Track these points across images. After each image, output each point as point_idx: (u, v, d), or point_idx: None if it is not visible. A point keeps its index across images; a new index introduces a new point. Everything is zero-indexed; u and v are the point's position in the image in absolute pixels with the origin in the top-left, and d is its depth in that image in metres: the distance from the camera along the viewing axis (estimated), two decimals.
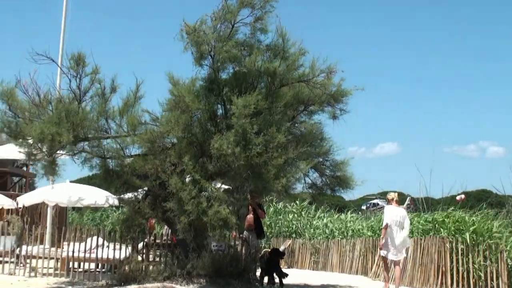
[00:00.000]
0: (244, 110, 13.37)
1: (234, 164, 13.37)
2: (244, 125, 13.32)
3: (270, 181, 13.67)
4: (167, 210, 14.35)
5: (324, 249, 25.15)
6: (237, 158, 13.23)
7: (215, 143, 13.47)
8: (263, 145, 13.43)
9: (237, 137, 13.33)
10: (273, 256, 16.46)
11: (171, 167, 14.55)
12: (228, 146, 13.20)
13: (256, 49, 14.68)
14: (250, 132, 13.38)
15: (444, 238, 16.80)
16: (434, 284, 16.57)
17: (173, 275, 15.01)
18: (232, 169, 13.68)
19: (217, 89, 14.73)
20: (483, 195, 39.78)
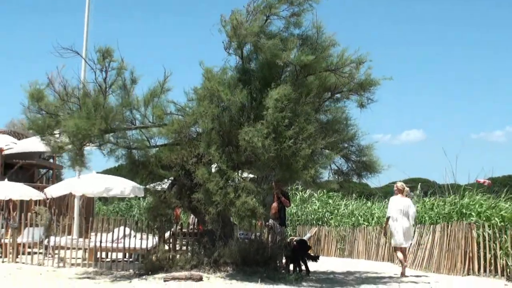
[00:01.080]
0: (277, 103, 13.38)
1: (264, 157, 13.37)
2: (277, 118, 13.31)
3: (299, 172, 13.68)
4: (193, 200, 14.43)
5: (350, 237, 25.16)
6: (267, 150, 13.23)
7: (245, 135, 13.44)
8: (294, 137, 13.44)
9: (268, 129, 13.31)
10: (301, 245, 16.47)
11: (197, 157, 14.62)
12: (259, 139, 13.20)
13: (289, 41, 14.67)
14: (282, 125, 13.38)
15: (471, 224, 16.72)
16: (461, 270, 16.49)
17: (200, 263, 15.10)
18: (260, 159, 13.70)
19: (248, 79, 14.75)
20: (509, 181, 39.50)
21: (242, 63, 14.98)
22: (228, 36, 14.67)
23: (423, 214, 20.96)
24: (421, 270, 18.17)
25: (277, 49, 14.28)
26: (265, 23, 14.74)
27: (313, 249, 26.46)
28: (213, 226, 14.96)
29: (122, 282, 14.38)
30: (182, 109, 15.25)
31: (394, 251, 17.75)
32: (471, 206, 18.55)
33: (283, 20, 15.01)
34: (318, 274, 16.82)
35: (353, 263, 21.33)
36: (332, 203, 31.04)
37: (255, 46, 14.56)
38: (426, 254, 18.53)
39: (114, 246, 17.39)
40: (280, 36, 14.85)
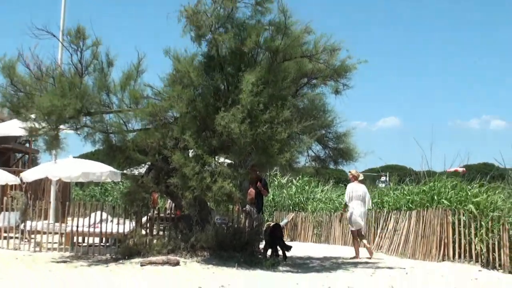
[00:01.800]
0: (252, 87, 13.40)
1: (240, 142, 13.42)
2: (252, 103, 13.36)
3: (274, 156, 13.74)
4: (170, 185, 14.43)
5: (326, 222, 25.25)
6: (243, 135, 13.28)
7: (221, 120, 13.48)
8: (269, 121, 13.49)
9: (244, 114, 13.36)
10: (276, 230, 16.56)
11: (174, 142, 14.60)
12: (234, 123, 13.23)
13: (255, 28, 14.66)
14: (257, 110, 13.43)
15: (446, 210, 16.84)
16: (436, 256, 16.60)
17: (177, 248, 15.13)
18: (236, 144, 13.74)
19: (218, 65, 14.75)
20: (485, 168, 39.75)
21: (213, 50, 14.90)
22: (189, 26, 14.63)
23: (398, 200, 21.07)
24: (397, 255, 18.30)
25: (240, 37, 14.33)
26: (231, 11, 14.67)
27: (290, 235, 26.61)
28: (189, 210, 14.98)
29: (99, 266, 14.36)
30: (159, 94, 15.22)
31: (352, 235, 18.55)
32: (442, 194, 18.65)
33: (250, 7, 14.95)
34: (295, 259, 16.89)
35: (329, 248, 21.43)
36: (308, 189, 31.13)
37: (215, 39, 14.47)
38: (402, 240, 18.64)
39: (91, 231, 17.35)
40: (246, 24, 14.84)
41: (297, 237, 26.63)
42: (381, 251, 19.59)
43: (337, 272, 14.44)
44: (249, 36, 14.39)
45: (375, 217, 21.31)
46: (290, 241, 22.65)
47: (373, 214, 21.47)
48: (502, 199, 17.54)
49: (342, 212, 19.07)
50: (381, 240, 20.10)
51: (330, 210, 26.08)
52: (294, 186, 31.73)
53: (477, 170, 36.15)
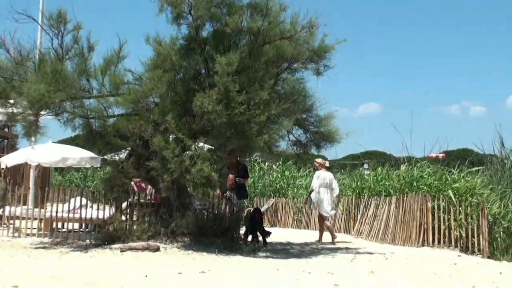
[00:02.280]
0: (227, 68, 13.44)
1: (216, 122, 13.46)
2: (226, 83, 13.40)
3: (253, 138, 13.77)
4: (150, 169, 14.40)
5: (307, 208, 25.30)
6: (219, 115, 13.32)
7: (197, 101, 13.54)
8: (246, 103, 13.51)
9: (220, 95, 13.41)
10: (256, 215, 16.59)
11: (155, 126, 14.57)
12: (210, 103, 13.28)
13: (237, 7, 14.66)
14: (233, 90, 13.47)
15: (426, 196, 16.93)
16: (416, 242, 16.70)
17: (157, 234, 15.12)
18: (214, 127, 13.76)
19: (198, 48, 14.74)
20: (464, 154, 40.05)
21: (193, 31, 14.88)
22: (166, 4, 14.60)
23: (378, 186, 21.16)
24: (377, 241, 18.38)
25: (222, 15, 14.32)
26: None
27: (270, 220, 26.67)
28: (167, 194, 14.94)
29: (78, 252, 14.34)
30: (139, 78, 15.18)
31: (320, 220, 19.18)
32: (421, 179, 18.76)
33: None
34: (275, 245, 16.94)
35: (310, 234, 21.48)
36: (289, 174, 31.18)
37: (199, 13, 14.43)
38: (382, 225, 18.71)
39: (70, 216, 17.30)
40: (226, 2, 14.82)
41: (277, 223, 26.71)
42: (361, 237, 19.69)
43: (317, 258, 14.50)
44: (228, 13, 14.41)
45: (355, 203, 21.41)
46: (271, 227, 22.75)
47: (353, 200, 21.57)
48: (482, 185, 17.69)
49: (306, 198, 20.08)
50: (361, 226, 20.19)
51: None
52: (274, 172, 31.77)
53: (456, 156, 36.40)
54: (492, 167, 20.30)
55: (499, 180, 18.96)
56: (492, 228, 16.10)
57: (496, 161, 20.39)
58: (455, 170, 18.80)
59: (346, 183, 25.01)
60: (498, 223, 16.22)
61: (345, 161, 33.61)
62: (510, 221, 16.07)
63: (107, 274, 11.22)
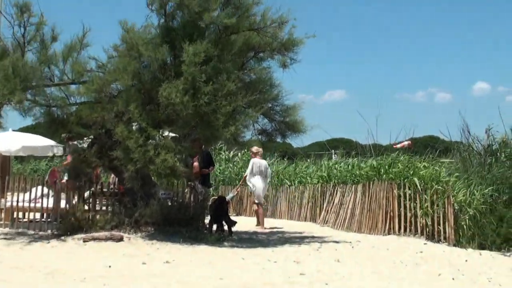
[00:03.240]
0: (194, 58, 13.42)
1: (183, 113, 13.44)
2: (193, 73, 13.39)
3: (219, 129, 13.78)
4: (114, 159, 14.34)
5: (273, 197, 25.36)
6: (185, 107, 13.30)
7: (163, 91, 13.50)
8: (212, 94, 13.51)
9: (186, 85, 13.38)
10: (221, 204, 16.61)
11: (118, 115, 14.50)
12: (177, 95, 13.25)
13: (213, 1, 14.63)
14: (199, 81, 13.45)
15: (392, 184, 17.06)
16: (382, 230, 16.83)
17: (120, 224, 15.08)
18: (180, 117, 13.73)
19: (172, 38, 14.69)
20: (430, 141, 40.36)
21: (165, 21, 14.87)
22: None
23: (346, 174, 21.28)
24: (343, 230, 18.49)
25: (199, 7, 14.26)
26: None
27: (236, 209, 26.70)
28: (131, 184, 14.90)
29: (40, 242, 14.26)
30: (103, 66, 15.09)
31: (255, 206, 20.58)
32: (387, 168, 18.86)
33: None
34: (240, 234, 16.97)
35: (275, 223, 21.56)
36: None
37: (179, 4, 14.46)
38: (348, 214, 18.82)
39: (31, 206, 17.15)
40: None
41: (243, 212, 26.76)
42: (327, 226, 19.81)
43: (283, 247, 14.56)
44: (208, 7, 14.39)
45: (321, 191, 21.52)
46: (236, 216, 22.80)
47: (319, 188, 21.66)
48: (448, 173, 17.85)
49: (241, 183, 21.58)
50: (328, 215, 20.30)
51: (276, 185, 26.17)
52: (240, 160, 31.75)
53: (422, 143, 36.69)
54: (459, 155, 20.46)
55: (465, 168, 19.13)
56: (458, 216, 16.23)
57: (462, 149, 20.54)
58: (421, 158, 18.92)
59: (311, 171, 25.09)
60: (464, 211, 16.36)
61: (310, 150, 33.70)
62: (476, 209, 16.20)
63: (69, 265, 11.17)
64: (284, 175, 27.11)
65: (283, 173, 27.53)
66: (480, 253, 14.17)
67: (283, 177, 26.78)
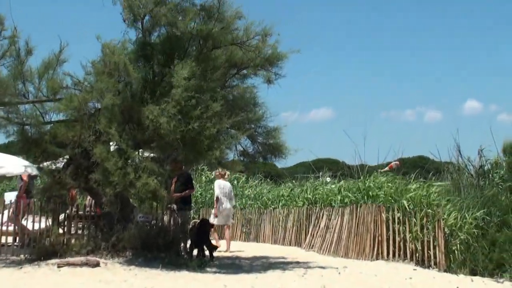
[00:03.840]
0: (186, 82, 13.39)
1: (169, 138, 13.40)
2: (185, 98, 13.35)
3: (203, 153, 13.76)
4: (90, 180, 14.26)
5: (256, 220, 25.30)
6: (172, 132, 13.26)
7: (149, 113, 13.41)
8: (199, 116, 13.49)
9: (176, 110, 13.33)
10: (203, 227, 16.54)
11: (96, 134, 14.43)
12: (167, 120, 13.19)
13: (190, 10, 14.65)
14: (189, 105, 13.41)
15: (380, 207, 17.05)
16: (370, 255, 16.80)
17: (97, 248, 14.99)
18: (163, 139, 13.68)
19: (150, 53, 14.66)
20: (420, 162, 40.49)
21: (143, 36, 14.87)
22: (123, 7, 14.57)
23: (332, 197, 21.24)
24: (329, 254, 18.46)
25: (175, 18, 14.28)
26: None
27: (217, 233, 26.59)
28: (110, 208, 14.82)
29: (12, 268, 14.13)
30: (79, 83, 15.04)
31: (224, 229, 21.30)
32: (376, 189, 18.89)
33: None
34: (222, 259, 16.92)
35: (259, 247, 21.51)
36: (237, 184, 31.10)
37: (153, 17, 14.48)
38: (334, 238, 18.79)
39: (3, 229, 17.01)
40: (181, 6, 14.83)
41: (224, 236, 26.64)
42: (313, 250, 19.76)
43: (266, 273, 14.50)
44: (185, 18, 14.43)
45: (307, 214, 21.47)
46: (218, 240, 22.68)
47: (305, 211, 21.63)
48: (438, 195, 17.85)
49: (216, 206, 20.76)
50: (313, 239, 20.26)
51: (259, 207, 26.12)
52: None
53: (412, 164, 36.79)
54: (449, 176, 20.49)
55: (456, 190, 19.14)
56: (449, 241, 16.24)
57: (453, 170, 20.57)
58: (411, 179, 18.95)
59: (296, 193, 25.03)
60: (455, 235, 16.37)
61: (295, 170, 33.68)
62: (467, 233, 16.22)
63: None
64: (268, 197, 27.04)
65: (267, 195, 27.45)
66: (472, 279, 14.16)
67: (267, 200, 26.68)
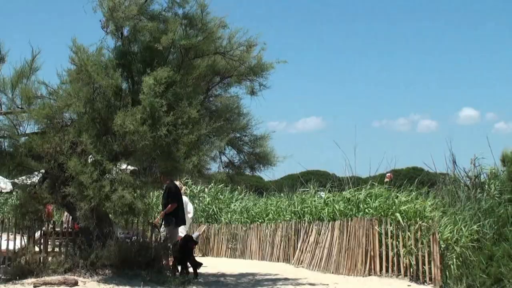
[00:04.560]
0: (155, 87, 13.43)
1: (139, 144, 13.41)
2: (153, 104, 13.37)
3: (180, 161, 13.76)
4: (67, 195, 14.26)
5: (242, 235, 25.29)
6: (142, 137, 13.28)
7: (118, 119, 13.47)
8: (173, 123, 13.51)
9: (144, 115, 13.37)
10: (186, 243, 16.54)
11: (71, 146, 14.43)
12: (133, 123, 13.23)
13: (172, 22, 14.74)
14: (159, 110, 13.45)
15: (372, 220, 17.07)
16: (362, 271, 16.82)
17: (75, 266, 14.96)
18: (138, 148, 13.71)
19: (128, 62, 14.71)
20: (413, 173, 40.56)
21: (122, 45, 14.94)
22: (105, 16, 14.65)
23: (320, 210, 21.23)
24: (319, 271, 18.47)
25: (157, 32, 14.36)
26: (146, 2, 14.75)
27: (202, 249, 26.58)
28: (86, 223, 14.80)
29: None
30: (54, 92, 15.06)
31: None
32: (368, 201, 18.91)
33: None
34: (207, 276, 16.92)
35: (246, 264, 21.51)
36: (223, 198, 31.07)
37: (134, 29, 14.57)
38: (324, 253, 18.80)
39: None
40: (163, 17, 14.92)
41: (209, 252, 26.65)
42: (302, 266, 19.78)
43: None
44: (167, 29, 14.50)
45: (295, 228, 21.47)
46: (202, 257, 22.69)
47: (293, 226, 21.63)
48: (433, 207, 17.85)
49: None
50: (302, 254, 20.27)
51: (246, 222, 26.11)
52: (206, 195, 31.63)
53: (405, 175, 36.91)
54: (445, 188, 20.52)
55: (452, 202, 19.16)
56: (445, 255, 16.26)
57: (448, 181, 20.61)
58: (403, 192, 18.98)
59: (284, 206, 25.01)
60: (450, 249, 16.37)
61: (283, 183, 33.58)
62: (464, 247, 16.23)
63: None
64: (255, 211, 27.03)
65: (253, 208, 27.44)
66: None
67: (254, 214, 26.68)
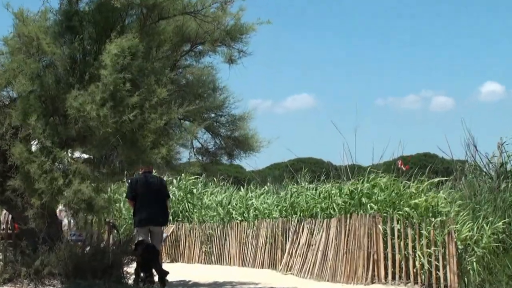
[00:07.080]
0: (118, 59, 13.25)
1: (99, 131, 13.27)
2: (116, 81, 13.20)
3: (147, 151, 13.65)
4: (7, 189, 14.17)
5: (219, 236, 25.22)
6: (103, 123, 13.13)
7: (74, 100, 13.31)
8: (139, 106, 13.38)
9: (105, 95, 13.20)
10: (150, 248, 16.49)
11: (12, 130, 14.33)
12: (92, 107, 13.08)
13: None
14: (123, 90, 13.27)
15: (376, 217, 17.02)
16: (364, 278, 16.76)
17: (16, 276, 14.94)
18: (95, 134, 13.60)
19: (79, 26, 14.57)
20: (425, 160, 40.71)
21: (69, 3, 14.77)
22: None
23: (314, 206, 21.19)
24: (312, 278, 18.47)
25: None
26: None
27: (170, 254, 26.54)
28: (37, 223, 14.73)
29: None
30: None
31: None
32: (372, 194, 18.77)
33: None
34: (176, 286, 16.93)
35: (223, 271, 21.53)
36: (196, 193, 30.84)
37: None
38: (318, 257, 18.79)
39: None
40: None
41: (180, 257, 26.57)
42: (291, 273, 19.79)
43: None
44: None
45: (283, 228, 21.42)
46: (171, 263, 22.68)
47: (280, 224, 21.58)
48: (447, 201, 17.74)
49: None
50: (291, 259, 20.27)
51: (223, 220, 26.02)
52: (176, 189, 31.47)
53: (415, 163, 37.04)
54: (463, 178, 20.45)
55: (472, 194, 19.05)
56: (463, 258, 16.26)
57: (468, 170, 20.55)
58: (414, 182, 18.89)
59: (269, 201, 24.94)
60: (470, 251, 16.38)
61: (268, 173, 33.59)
62: (486, 248, 16.22)
63: None
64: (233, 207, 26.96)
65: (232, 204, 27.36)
66: None
67: (232, 210, 26.60)
